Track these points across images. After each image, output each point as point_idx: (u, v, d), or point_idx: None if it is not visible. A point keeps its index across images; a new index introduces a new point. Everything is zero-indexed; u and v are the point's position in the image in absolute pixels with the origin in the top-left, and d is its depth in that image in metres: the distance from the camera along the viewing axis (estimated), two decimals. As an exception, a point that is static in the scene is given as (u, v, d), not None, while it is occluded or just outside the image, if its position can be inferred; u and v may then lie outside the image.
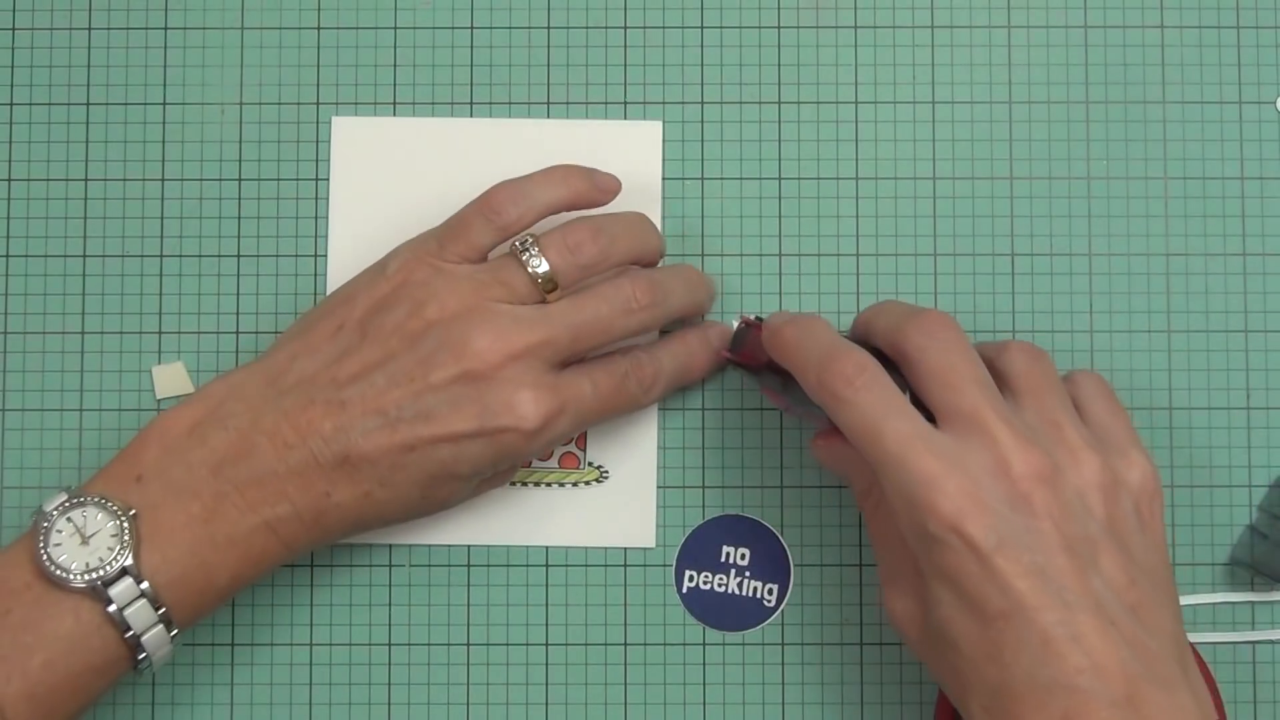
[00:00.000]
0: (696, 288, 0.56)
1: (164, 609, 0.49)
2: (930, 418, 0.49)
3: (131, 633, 0.48)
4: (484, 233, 0.53)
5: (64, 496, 0.49)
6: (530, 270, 0.52)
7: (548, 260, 0.52)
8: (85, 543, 0.48)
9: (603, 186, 0.56)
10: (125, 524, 0.49)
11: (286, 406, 0.51)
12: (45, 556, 0.48)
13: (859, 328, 0.54)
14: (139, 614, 0.48)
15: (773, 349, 0.53)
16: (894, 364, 0.51)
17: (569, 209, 0.55)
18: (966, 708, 0.47)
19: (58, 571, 0.48)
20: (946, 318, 0.50)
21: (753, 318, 0.55)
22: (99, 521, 0.49)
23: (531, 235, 0.53)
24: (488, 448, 0.51)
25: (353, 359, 0.51)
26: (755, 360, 0.55)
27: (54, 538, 0.49)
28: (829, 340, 0.51)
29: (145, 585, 0.48)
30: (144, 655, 0.49)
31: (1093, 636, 0.45)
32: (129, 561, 0.48)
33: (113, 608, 0.48)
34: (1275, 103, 0.60)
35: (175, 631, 0.49)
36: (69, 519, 0.49)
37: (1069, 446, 0.48)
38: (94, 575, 0.48)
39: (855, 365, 0.49)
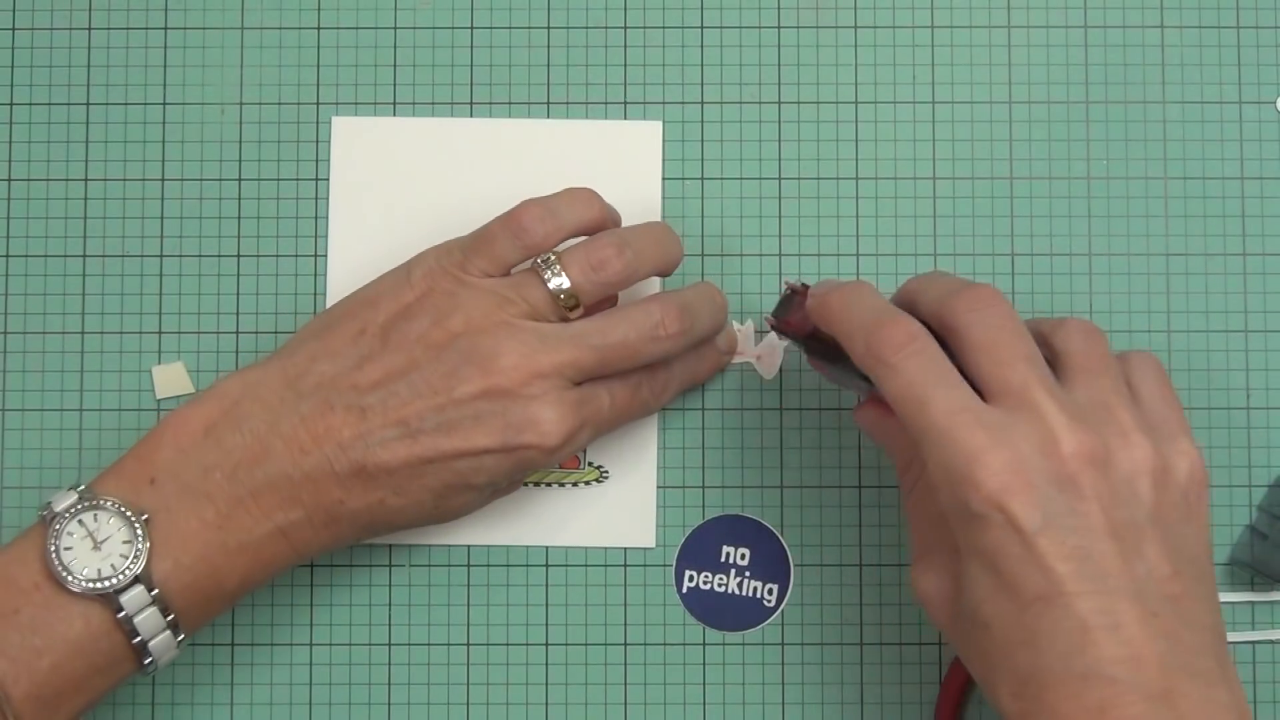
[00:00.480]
0: (720, 311, 0.56)
1: (173, 615, 0.49)
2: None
3: (139, 638, 0.48)
4: (510, 249, 0.53)
5: (74, 497, 0.49)
6: (551, 288, 0.52)
7: (569, 278, 0.52)
8: (97, 548, 0.48)
9: (614, 217, 0.56)
10: (139, 530, 0.48)
11: (304, 410, 0.50)
12: (57, 561, 0.48)
13: (903, 299, 0.52)
14: (148, 620, 0.48)
15: (819, 316, 0.51)
16: (941, 339, 0.49)
17: (594, 231, 0.54)
18: (994, 694, 0.46)
19: (69, 577, 0.48)
20: (996, 292, 0.48)
21: (799, 284, 0.53)
22: (111, 526, 0.48)
23: (554, 252, 0.52)
24: (506, 461, 0.51)
25: (374, 365, 0.51)
26: (800, 328, 0.53)
27: (65, 540, 0.48)
28: (878, 306, 0.49)
29: (156, 592, 0.48)
30: (150, 660, 0.49)
31: (1133, 626, 0.44)
32: (141, 569, 0.48)
33: (122, 614, 0.48)
34: (1275, 103, 0.60)
35: (181, 637, 0.49)
36: (80, 521, 0.48)
37: (1121, 429, 0.46)
38: (107, 584, 0.47)
39: (905, 333, 0.47)
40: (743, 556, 0.58)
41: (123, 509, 0.48)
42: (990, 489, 0.44)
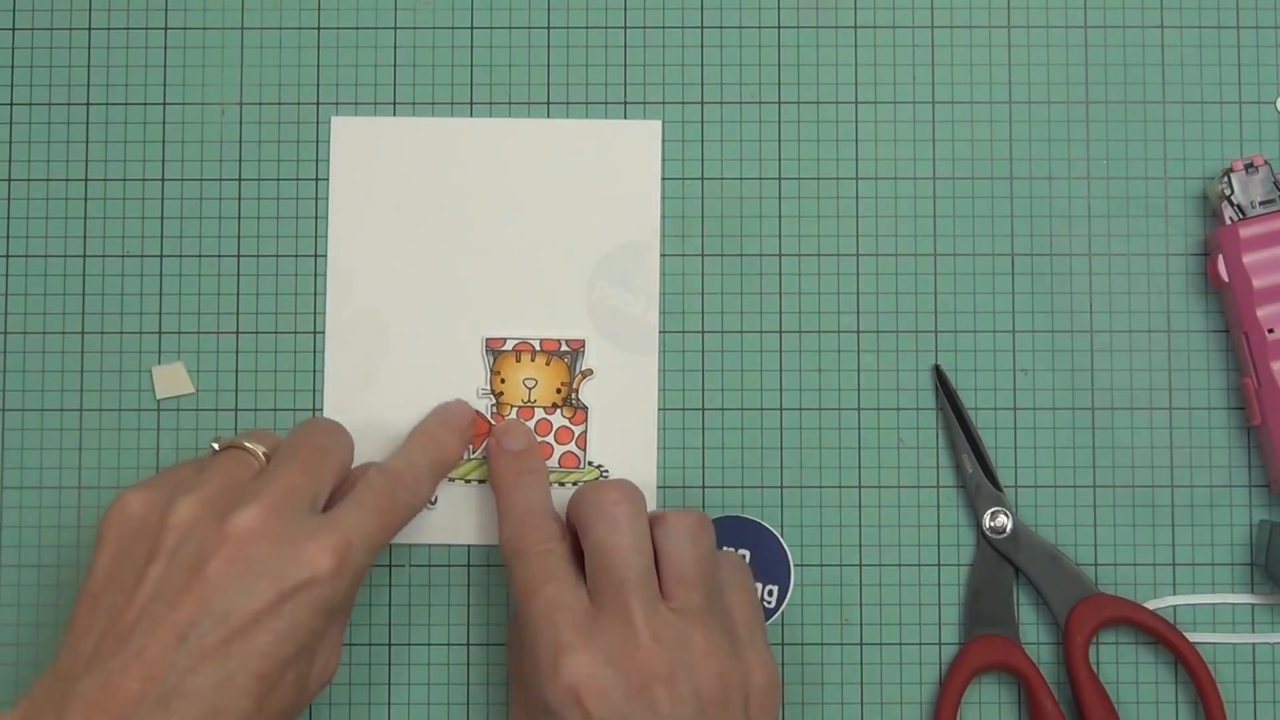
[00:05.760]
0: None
1: None
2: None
3: None
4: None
5: None
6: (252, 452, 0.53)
7: (263, 444, 0.53)
8: None
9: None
10: None
11: (86, 693, 0.46)
12: None
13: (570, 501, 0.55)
14: None
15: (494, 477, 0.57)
16: None
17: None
18: None
19: None
20: (622, 492, 0.52)
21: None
22: None
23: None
24: (297, 611, 0.49)
25: (127, 608, 0.48)
26: None
27: None
28: (536, 503, 0.55)
29: None
30: None
31: None
32: None
33: None
34: (1275, 103, 0.60)
35: None
36: None
37: (698, 651, 0.50)
38: None
39: (543, 533, 0.53)
40: (743, 556, 0.58)
41: None
42: (568, 683, 0.48)
